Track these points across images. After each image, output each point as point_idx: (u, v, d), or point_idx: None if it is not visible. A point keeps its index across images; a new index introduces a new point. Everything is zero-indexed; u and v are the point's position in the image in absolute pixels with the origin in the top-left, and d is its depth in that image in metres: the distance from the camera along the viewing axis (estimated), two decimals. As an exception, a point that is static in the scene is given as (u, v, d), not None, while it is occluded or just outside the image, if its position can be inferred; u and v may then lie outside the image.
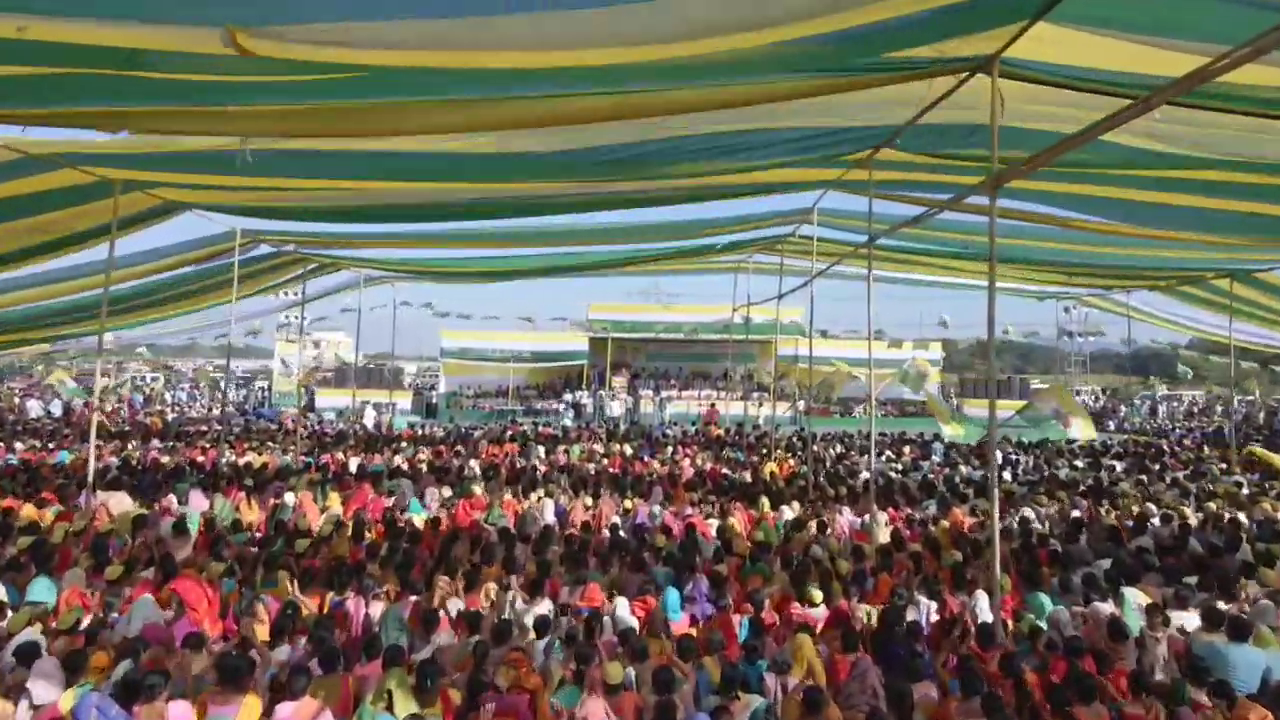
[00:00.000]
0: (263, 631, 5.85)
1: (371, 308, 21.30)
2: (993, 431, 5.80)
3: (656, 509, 10.03)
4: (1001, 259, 12.06)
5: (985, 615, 6.08)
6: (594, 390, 31.37)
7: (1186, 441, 21.13)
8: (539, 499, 10.50)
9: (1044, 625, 5.89)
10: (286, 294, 20.23)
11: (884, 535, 9.04)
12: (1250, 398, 34.36)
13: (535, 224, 13.01)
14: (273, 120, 5.85)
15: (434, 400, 32.12)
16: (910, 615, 6.18)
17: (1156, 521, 9.32)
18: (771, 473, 13.77)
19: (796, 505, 10.51)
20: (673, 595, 6.32)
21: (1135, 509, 9.95)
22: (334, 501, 10.13)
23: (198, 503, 10.07)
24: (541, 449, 16.08)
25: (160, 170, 8.25)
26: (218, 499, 10.12)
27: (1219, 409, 34.05)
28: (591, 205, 10.97)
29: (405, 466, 13.44)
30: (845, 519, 9.71)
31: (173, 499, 9.75)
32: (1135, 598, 6.26)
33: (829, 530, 9.14)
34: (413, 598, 6.40)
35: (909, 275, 16.33)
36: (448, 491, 10.73)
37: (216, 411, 29.52)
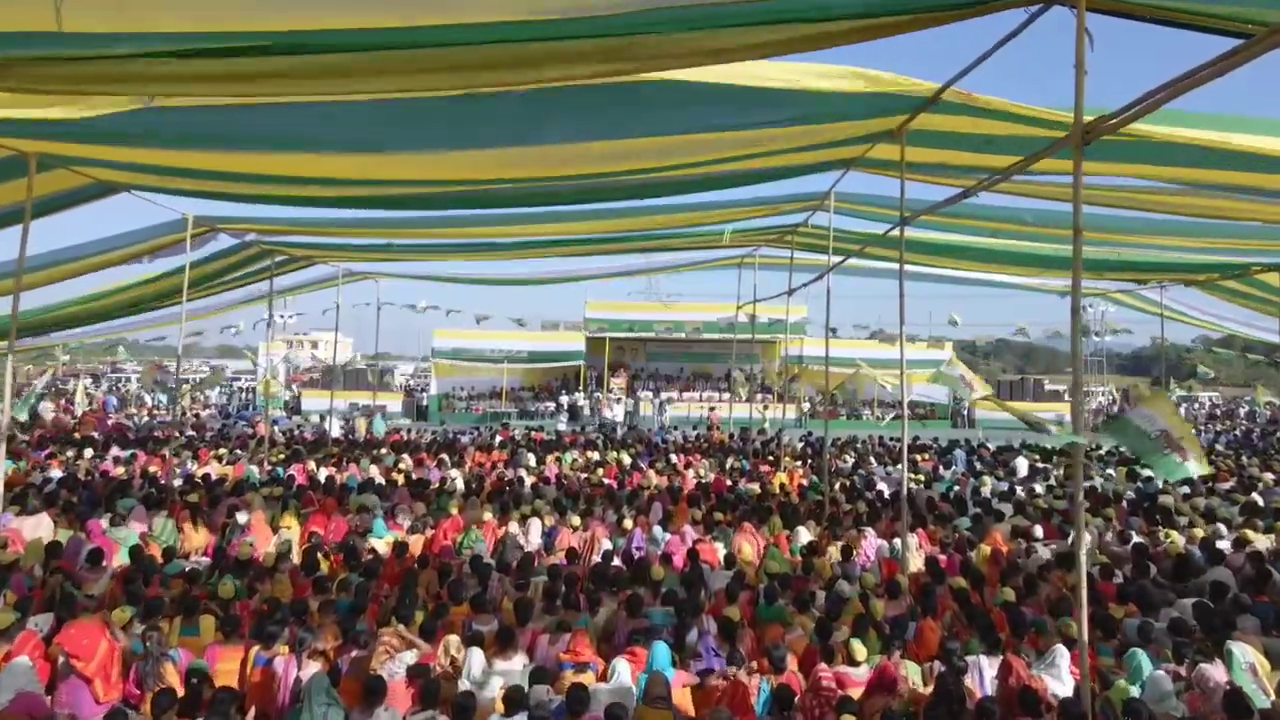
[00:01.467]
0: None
1: (354, 305, 20.16)
2: (1077, 449, 4.63)
3: (656, 530, 8.86)
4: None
5: (1063, 680, 4.91)
6: (591, 392, 30.21)
7: (1219, 447, 19.94)
8: (522, 518, 9.34)
9: (1137, 692, 4.73)
10: (280, 297, 19.02)
11: (916, 562, 7.90)
12: (1270, 399, 33.18)
13: (525, 211, 11.81)
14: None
15: (425, 402, 30.95)
16: (966, 678, 5.02)
17: (1227, 545, 8.16)
18: (782, 484, 12.61)
19: (813, 525, 9.34)
20: (661, 652, 5.14)
21: (1200, 531, 8.79)
22: (290, 522, 8.96)
23: (138, 524, 8.92)
24: (532, 457, 14.91)
25: (86, 143, 7.08)
26: (158, 519, 8.96)
27: (1242, 411, 32.86)
28: (585, 194, 9.85)
29: (381, 478, 12.27)
30: (870, 543, 8.54)
31: (104, 520, 8.58)
32: (1244, 654, 5.09)
33: (853, 557, 7.97)
34: (355, 653, 5.24)
35: (928, 270, 15.16)
36: (422, 509, 9.55)
37: (203, 414, 28.36)
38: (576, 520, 9.16)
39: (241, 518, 8.93)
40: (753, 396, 27.03)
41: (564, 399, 30.11)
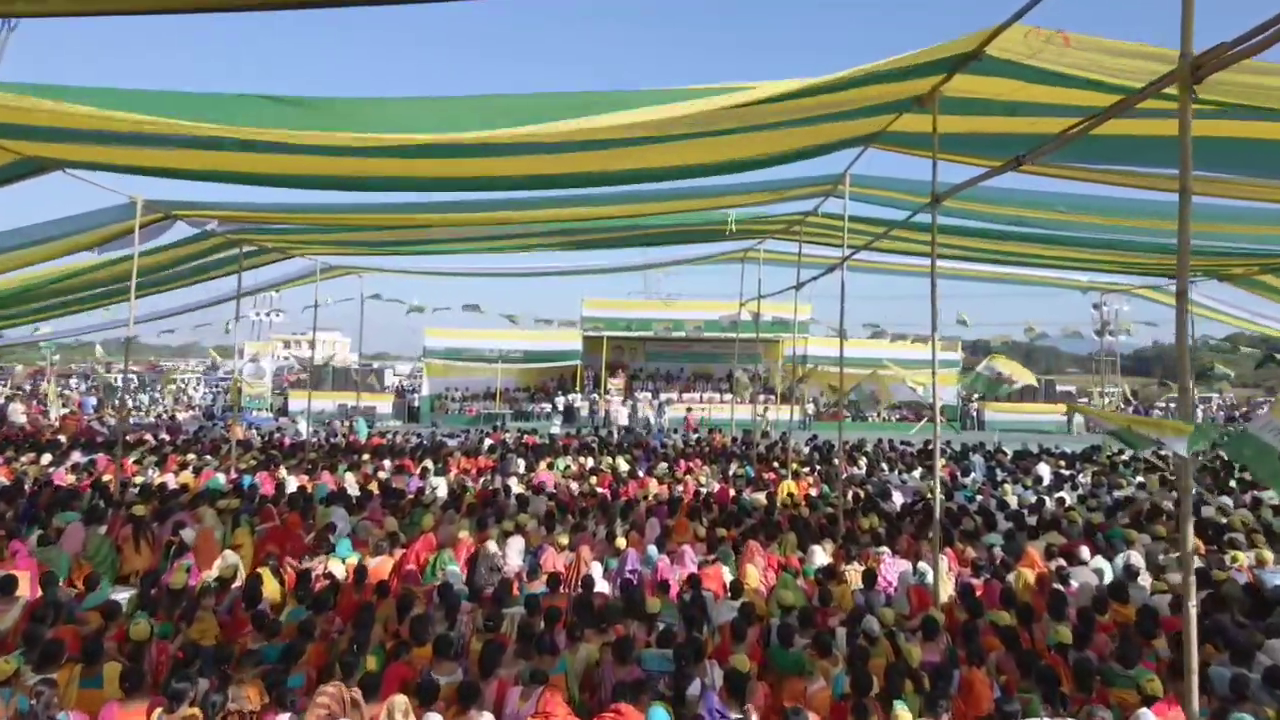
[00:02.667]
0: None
1: (336, 301, 19.19)
2: (1183, 465, 3.67)
3: (653, 550, 7.89)
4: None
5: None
6: (588, 393, 29.26)
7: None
8: (504, 534, 8.38)
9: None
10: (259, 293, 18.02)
11: (946, 588, 6.95)
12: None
13: (517, 196, 10.84)
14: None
15: (416, 403, 30.00)
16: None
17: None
18: (790, 494, 11.65)
19: (829, 544, 8.37)
20: (658, 718, 4.19)
21: (1269, 553, 7.82)
22: (243, 540, 7.99)
23: (73, 542, 7.97)
24: (521, 463, 13.95)
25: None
26: (95, 536, 8.00)
27: (1261, 412, 31.75)
28: (583, 173, 8.92)
29: (357, 488, 11.31)
30: (892, 565, 7.58)
31: (33, 540, 7.62)
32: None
33: (876, 583, 7.01)
34: (283, 719, 4.29)
35: (942, 264, 14.16)
36: (393, 525, 8.58)
37: (185, 416, 27.40)
38: (564, 538, 8.19)
39: (188, 535, 7.98)
40: (755, 398, 26.10)
41: (560, 400, 29.17)
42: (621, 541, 8.01)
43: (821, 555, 7.90)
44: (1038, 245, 11.77)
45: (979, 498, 11.78)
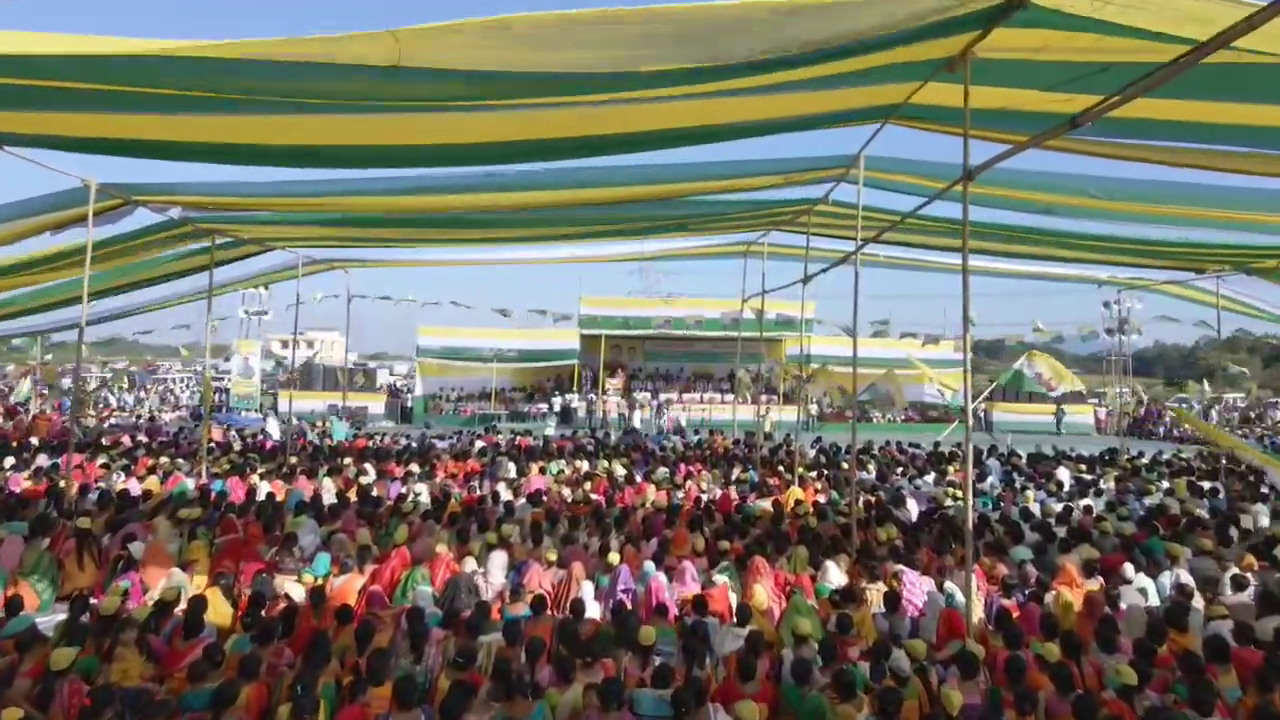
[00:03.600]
0: None
1: (323, 297, 18.42)
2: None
3: (649, 566, 7.14)
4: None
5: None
6: (585, 393, 28.52)
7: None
8: (487, 548, 7.64)
9: None
10: (232, 289, 17.26)
11: (976, 611, 6.20)
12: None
13: (506, 176, 10.09)
14: None
15: (410, 404, 29.26)
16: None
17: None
18: (797, 501, 10.90)
19: (844, 559, 7.62)
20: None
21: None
22: (198, 554, 7.25)
23: (9, 556, 7.24)
24: (512, 467, 13.21)
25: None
26: (34, 549, 7.27)
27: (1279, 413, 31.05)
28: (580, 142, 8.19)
29: (332, 494, 10.57)
30: (915, 584, 6.82)
31: (-37, 555, 6.88)
32: None
33: (899, 606, 6.27)
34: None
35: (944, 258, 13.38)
36: (367, 537, 7.82)
37: (171, 416, 26.66)
38: (552, 553, 7.44)
39: (137, 549, 7.23)
40: (757, 398, 25.36)
41: (557, 400, 28.43)
42: (615, 556, 7.26)
43: (836, 572, 7.15)
44: (1061, 237, 11.05)
45: (999, 505, 11.05)
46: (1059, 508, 10.38)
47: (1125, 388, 32.71)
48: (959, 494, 11.34)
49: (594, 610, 6.35)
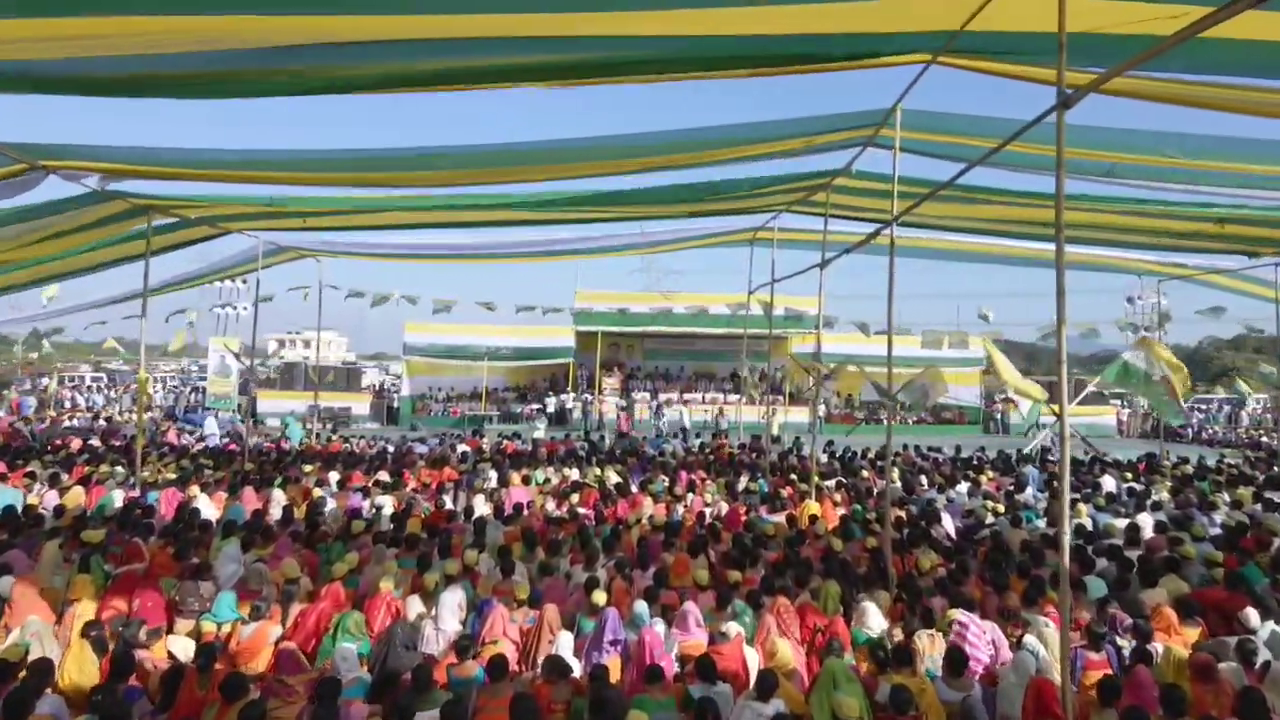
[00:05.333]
0: None
1: (288, 290, 16.98)
2: None
3: (642, 610, 5.72)
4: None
5: None
6: (581, 392, 27.09)
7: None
8: (446, 579, 6.22)
9: None
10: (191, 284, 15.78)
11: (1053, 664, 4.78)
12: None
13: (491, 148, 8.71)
14: None
15: (396, 404, 27.82)
16: None
17: None
18: (813, 517, 9.48)
19: (882, 594, 6.21)
20: None
21: None
22: (83, 590, 5.83)
23: None
24: (494, 475, 11.78)
25: None
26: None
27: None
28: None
29: (280, 509, 9.15)
30: (978, 635, 5.39)
31: None
32: None
33: (966, 667, 4.84)
34: None
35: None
36: (293, 568, 6.38)
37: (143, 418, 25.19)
38: (524, 589, 6.03)
39: (4, 584, 5.81)
40: (765, 398, 23.94)
41: (551, 400, 27.01)
42: (601, 596, 5.84)
43: (876, 615, 5.74)
44: (1114, 204, 9.62)
45: (1041, 522, 9.63)
46: (1121, 524, 8.96)
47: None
48: (999, 508, 9.91)
49: (573, 666, 4.94)
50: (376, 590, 5.95)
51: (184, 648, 4.92)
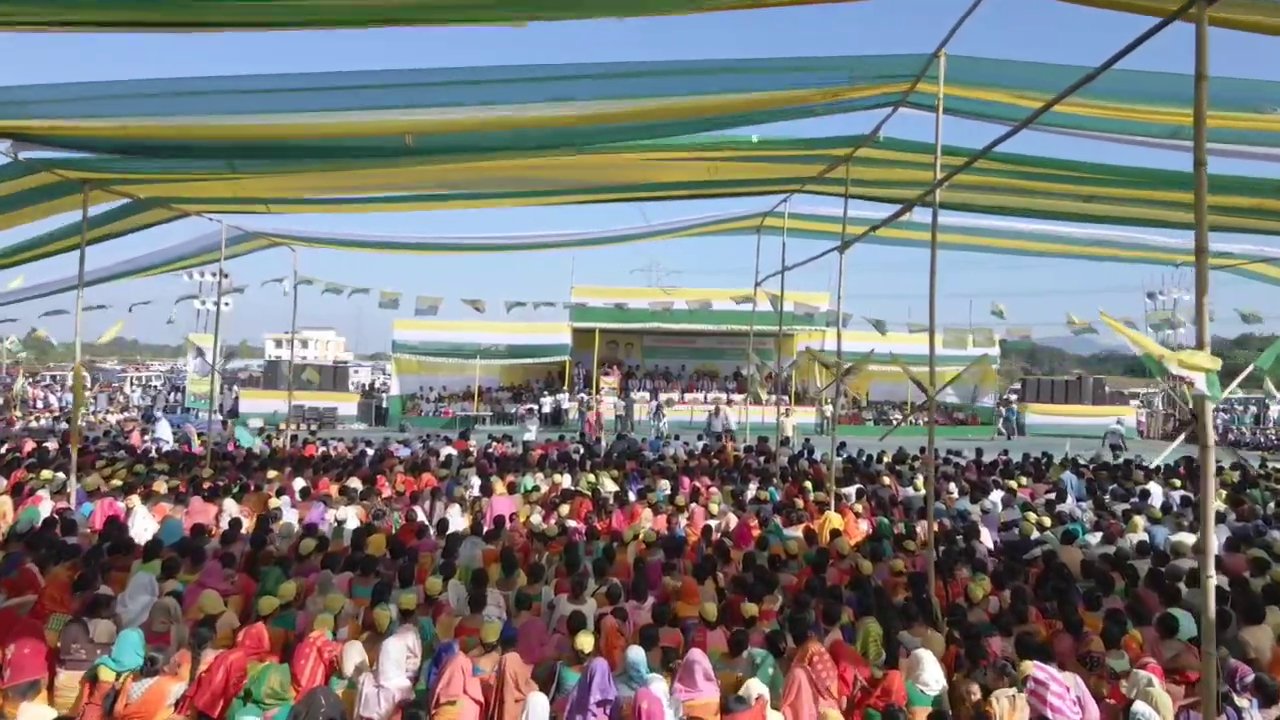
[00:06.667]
0: None
1: (263, 283, 15.82)
2: None
3: (638, 661, 4.59)
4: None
5: None
6: (577, 392, 25.96)
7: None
8: (400, 616, 5.10)
9: None
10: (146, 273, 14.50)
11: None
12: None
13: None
14: None
15: (385, 404, 26.70)
16: None
17: None
18: (835, 532, 8.37)
19: (932, 634, 5.09)
20: None
21: None
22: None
23: None
24: (476, 481, 10.64)
25: None
26: None
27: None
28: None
29: (219, 521, 8.03)
30: (1062, 693, 4.27)
31: None
32: None
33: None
34: None
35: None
36: (213, 601, 5.24)
37: (118, 418, 24.09)
38: (492, 631, 4.90)
39: None
40: (776, 398, 22.82)
41: (547, 400, 25.88)
42: (587, 641, 4.71)
43: (932, 665, 4.60)
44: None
45: (1092, 537, 8.49)
46: (1189, 539, 7.83)
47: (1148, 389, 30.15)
48: (1045, 520, 8.77)
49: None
50: (311, 625, 4.83)
51: (39, 715, 3.81)
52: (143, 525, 8.02)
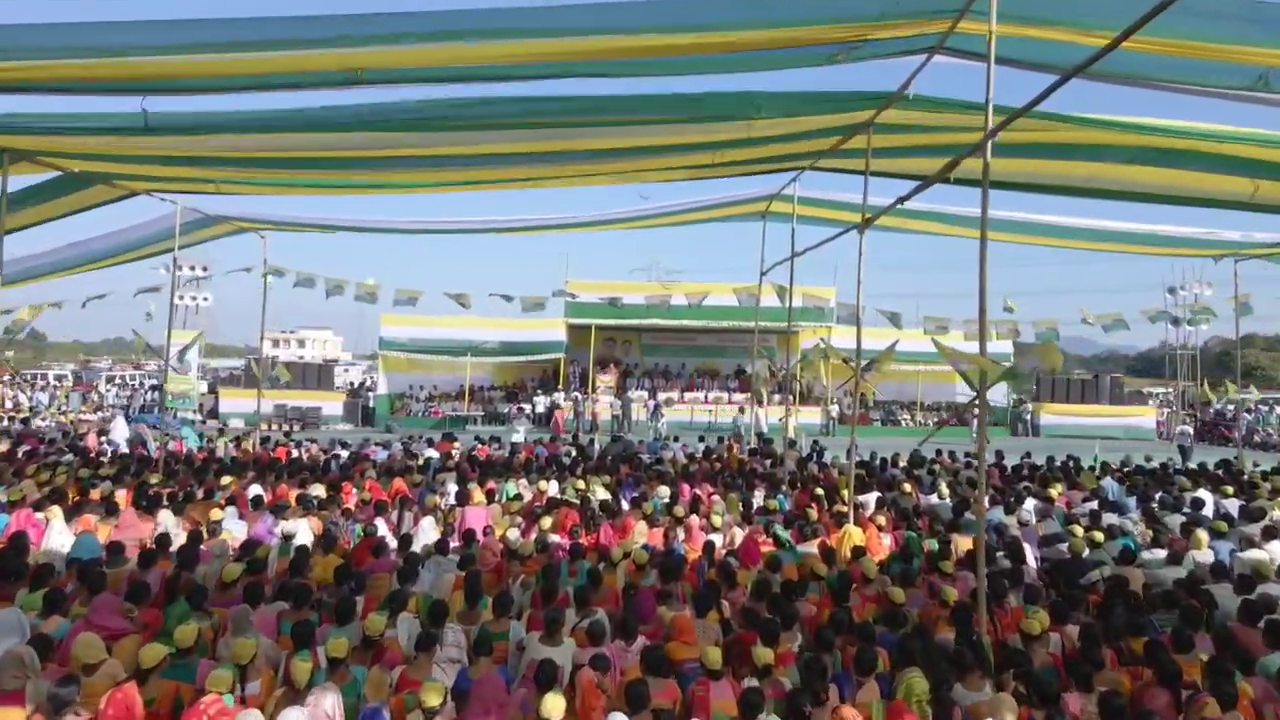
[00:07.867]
0: None
1: (227, 272, 14.69)
2: None
3: (621, 729, 3.53)
4: None
5: None
6: (572, 391, 24.87)
7: None
8: (325, 669, 4.04)
9: None
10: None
11: None
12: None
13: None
14: None
15: (371, 404, 25.63)
16: None
17: None
18: (856, 549, 7.28)
19: (986, 683, 4.03)
20: None
21: None
22: None
23: None
24: (453, 490, 9.57)
25: None
26: None
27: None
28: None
29: (157, 540, 6.96)
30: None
31: None
32: None
33: None
34: None
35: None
36: (94, 647, 4.17)
37: (93, 418, 23.03)
38: (437, 690, 3.83)
39: None
40: (774, 397, 21.81)
41: (541, 400, 24.83)
42: (556, 705, 3.64)
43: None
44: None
45: (1152, 555, 7.42)
46: (1261, 555, 6.77)
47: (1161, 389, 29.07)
48: (1097, 535, 7.67)
49: None
50: (223, 681, 3.76)
51: None
52: (59, 541, 6.97)
